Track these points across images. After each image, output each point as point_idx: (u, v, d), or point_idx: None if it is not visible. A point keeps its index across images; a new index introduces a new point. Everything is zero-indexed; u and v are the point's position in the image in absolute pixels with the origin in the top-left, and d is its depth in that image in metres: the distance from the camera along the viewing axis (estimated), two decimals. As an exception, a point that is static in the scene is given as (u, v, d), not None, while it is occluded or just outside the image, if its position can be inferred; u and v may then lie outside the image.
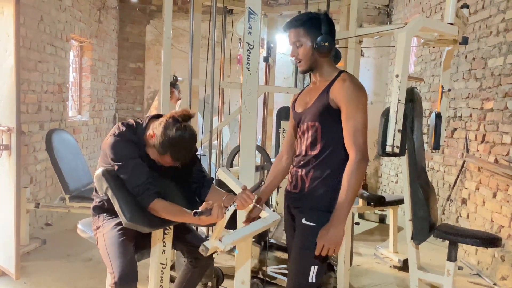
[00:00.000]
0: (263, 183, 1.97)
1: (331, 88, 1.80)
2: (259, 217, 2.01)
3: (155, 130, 1.87)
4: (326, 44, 1.79)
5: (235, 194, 2.10)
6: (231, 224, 3.07)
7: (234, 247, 2.22)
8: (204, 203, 1.82)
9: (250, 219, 1.98)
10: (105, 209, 2.05)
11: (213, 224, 1.92)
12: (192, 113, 1.93)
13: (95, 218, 2.08)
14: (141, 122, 1.98)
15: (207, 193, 2.06)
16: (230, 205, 1.85)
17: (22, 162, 3.67)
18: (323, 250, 1.74)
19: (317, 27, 1.80)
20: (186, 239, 2.17)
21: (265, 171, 3.41)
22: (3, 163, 3.00)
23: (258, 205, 1.98)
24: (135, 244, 2.03)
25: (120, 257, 1.88)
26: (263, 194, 2.04)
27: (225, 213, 1.83)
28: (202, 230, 3.05)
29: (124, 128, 1.93)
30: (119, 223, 1.96)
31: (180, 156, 1.88)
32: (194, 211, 1.74)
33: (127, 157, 1.86)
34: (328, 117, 1.81)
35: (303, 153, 1.89)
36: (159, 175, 1.95)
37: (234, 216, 2.38)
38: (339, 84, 1.79)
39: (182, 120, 1.86)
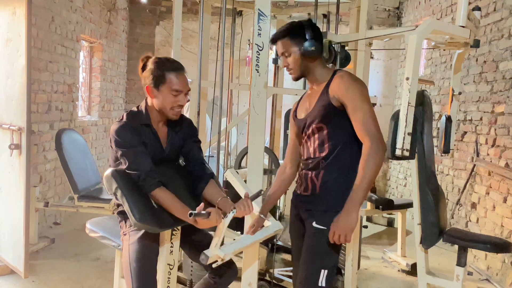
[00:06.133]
0: (262, 192, 1.99)
1: (330, 86, 1.81)
2: (263, 226, 2.04)
3: (146, 81, 1.91)
4: (313, 48, 1.81)
5: (237, 199, 2.10)
6: (239, 225, 3.07)
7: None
8: (200, 205, 1.80)
9: (254, 228, 1.99)
10: None
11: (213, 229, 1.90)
12: (149, 54, 2.01)
13: (122, 223, 2.06)
14: (139, 106, 2.00)
15: (203, 188, 2.02)
16: (230, 212, 1.84)
17: (32, 162, 3.70)
18: (335, 237, 1.71)
19: (301, 34, 1.83)
20: None
21: (273, 175, 3.41)
22: (14, 162, 3.03)
23: (262, 215, 2.00)
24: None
25: (141, 279, 1.87)
26: (267, 204, 2.05)
27: (223, 218, 1.82)
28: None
29: (127, 115, 1.94)
30: (145, 235, 1.94)
31: (174, 62, 1.93)
32: (190, 211, 1.73)
33: (131, 143, 1.86)
34: (332, 116, 1.80)
35: (312, 155, 1.87)
36: (161, 165, 1.94)
37: (241, 218, 2.38)
38: (337, 80, 1.80)
39: (147, 60, 1.95)
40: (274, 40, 1.90)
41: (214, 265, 1.82)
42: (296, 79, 1.92)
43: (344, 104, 1.76)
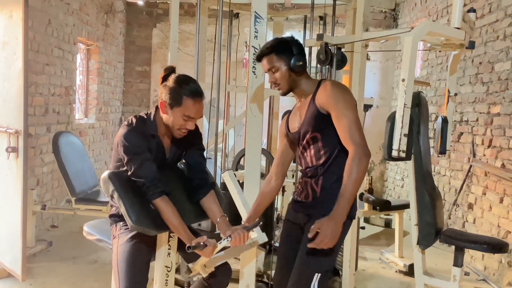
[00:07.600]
0: (261, 223, 1.98)
1: (316, 96, 1.84)
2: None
3: (162, 96, 1.88)
4: (301, 63, 1.85)
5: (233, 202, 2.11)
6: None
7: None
8: (198, 238, 1.83)
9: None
10: (121, 216, 2.02)
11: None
12: (173, 65, 1.98)
13: (113, 227, 2.06)
14: (148, 113, 1.99)
15: (202, 198, 2.03)
16: (225, 238, 1.86)
17: (29, 164, 3.69)
18: (317, 240, 1.66)
19: (288, 50, 1.85)
20: None
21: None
22: (11, 165, 3.02)
23: (246, 228, 1.97)
24: (153, 249, 2.03)
25: (128, 279, 1.87)
26: (251, 216, 2.03)
27: (217, 246, 1.86)
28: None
29: (136, 120, 1.93)
30: (134, 236, 1.95)
31: (195, 87, 1.89)
32: (188, 245, 1.78)
33: (139, 149, 1.86)
34: (323, 125, 1.83)
35: (309, 164, 1.90)
36: (162, 168, 1.94)
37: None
38: (322, 89, 1.83)
39: (170, 72, 1.93)
40: (259, 57, 1.90)
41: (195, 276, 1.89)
42: (284, 94, 1.93)
43: (329, 112, 1.79)
